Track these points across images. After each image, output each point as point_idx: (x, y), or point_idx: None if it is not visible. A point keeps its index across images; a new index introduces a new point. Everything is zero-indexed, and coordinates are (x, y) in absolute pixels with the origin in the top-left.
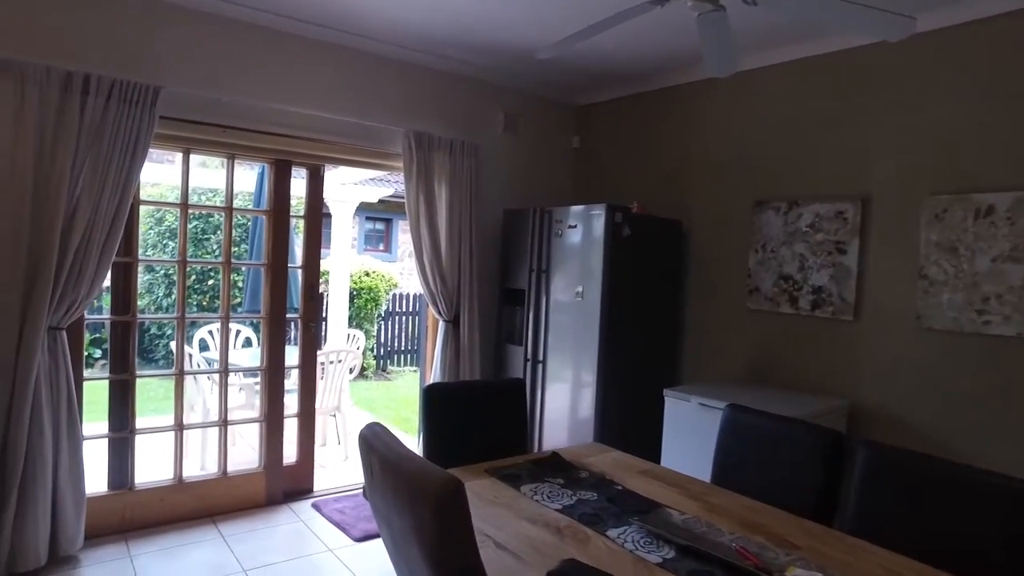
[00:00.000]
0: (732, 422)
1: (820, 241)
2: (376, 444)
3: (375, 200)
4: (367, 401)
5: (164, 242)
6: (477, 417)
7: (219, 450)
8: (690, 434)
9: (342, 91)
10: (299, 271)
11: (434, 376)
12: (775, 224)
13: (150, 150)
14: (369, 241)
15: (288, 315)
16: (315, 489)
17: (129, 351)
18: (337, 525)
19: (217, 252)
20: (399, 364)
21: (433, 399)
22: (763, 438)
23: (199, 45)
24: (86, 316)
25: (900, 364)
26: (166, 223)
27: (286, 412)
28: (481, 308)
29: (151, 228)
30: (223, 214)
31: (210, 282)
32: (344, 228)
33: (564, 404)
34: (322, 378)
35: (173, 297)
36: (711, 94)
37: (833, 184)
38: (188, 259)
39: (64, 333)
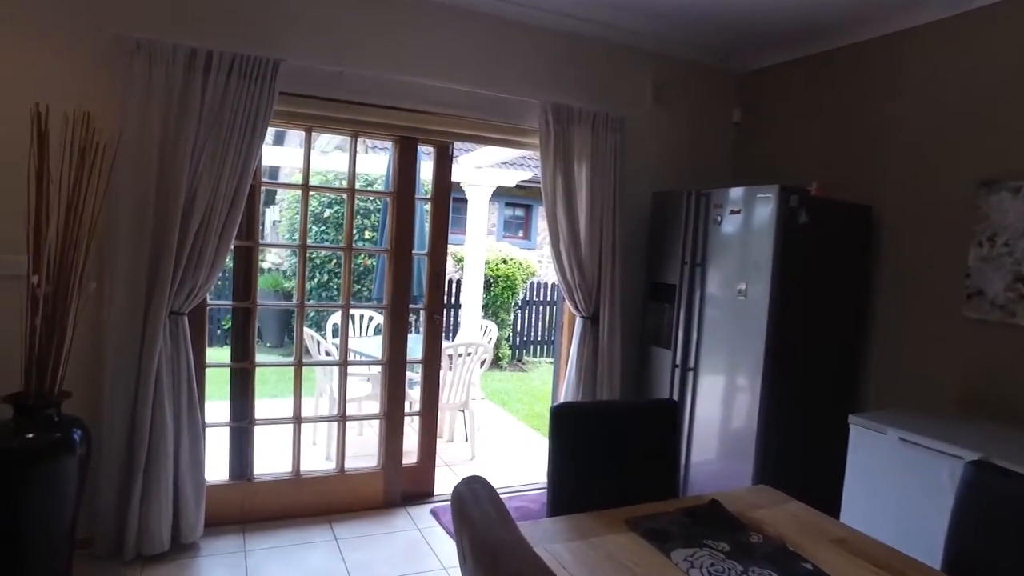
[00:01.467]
0: (982, 489)
1: None
2: (471, 513)
3: (512, 184)
4: (499, 393)
5: (308, 227)
6: (617, 447)
7: (337, 446)
8: (885, 478)
9: (472, 60)
10: (424, 258)
11: (568, 379)
12: (1012, 210)
13: (291, 132)
14: (508, 228)
15: (412, 305)
16: (435, 493)
17: (249, 338)
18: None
19: (357, 238)
20: (535, 355)
21: (563, 423)
22: None
23: (319, 14)
24: (209, 301)
25: None
26: (310, 208)
27: (408, 409)
28: (623, 304)
29: (295, 213)
30: (375, 200)
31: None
32: (480, 213)
33: (717, 421)
34: (451, 369)
35: (317, 280)
36: (913, 47)
37: None
38: (308, 244)
39: (185, 319)
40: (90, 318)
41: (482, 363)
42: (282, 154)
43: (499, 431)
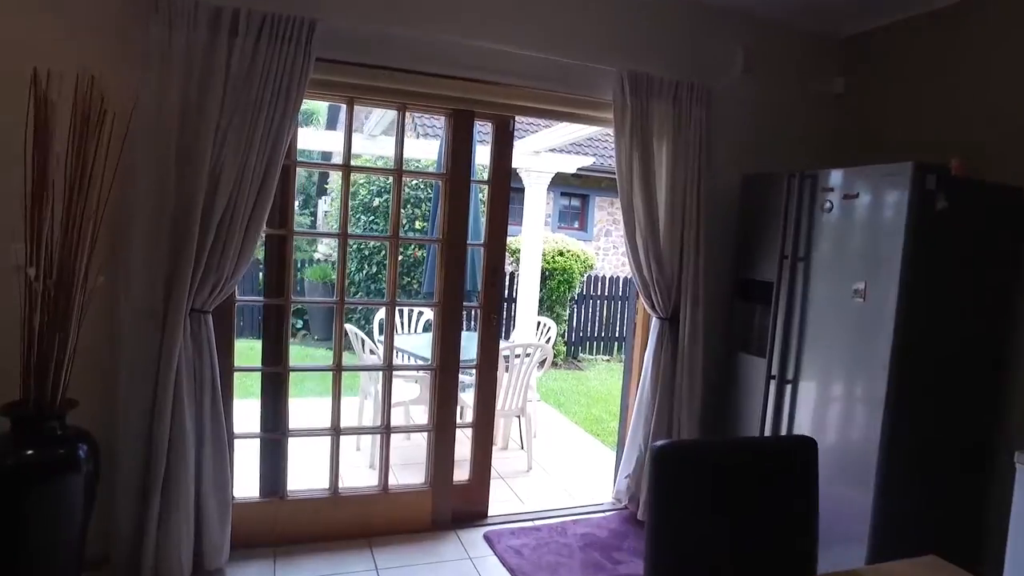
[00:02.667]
0: None
1: None
2: None
3: (572, 170)
4: (555, 394)
5: (357, 216)
6: (738, 500)
7: (380, 461)
8: None
9: (537, 19)
10: (481, 250)
11: (642, 390)
12: None
13: (343, 115)
14: (564, 218)
15: (466, 303)
16: (489, 514)
17: (282, 339)
18: (512, 572)
19: (407, 227)
20: (591, 352)
21: (668, 466)
22: None
23: None
24: (238, 297)
25: None
26: (360, 197)
27: (459, 417)
28: (707, 304)
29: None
30: (426, 188)
31: (400, 258)
32: (537, 202)
33: (821, 446)
34: (506, 370)
35: (365, 272)
36: None
37: None
38: (349, 233)
39: (210, 317)
40: (100, 317)
41: (541, 364)
42: (333, 139)
43: (556, 437)
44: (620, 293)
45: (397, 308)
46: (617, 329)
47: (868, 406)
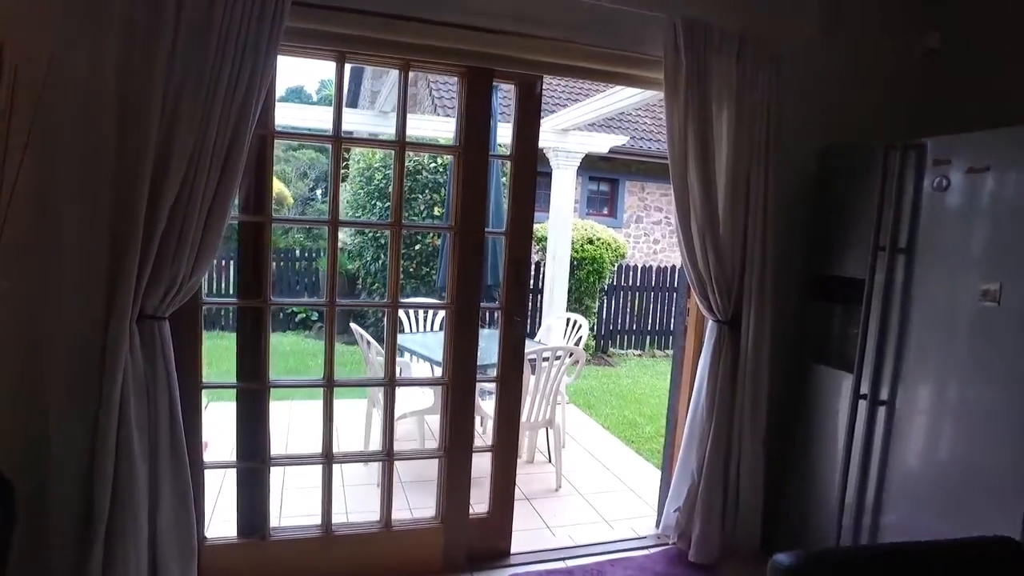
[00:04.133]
0: None
1: None
2: None
3: (604, 150)
4: (583, 393)
5: (372, 203)
6: None
7: (382, 493)
8: None
9: None
10: (501, 239)
11: (696, 408)
12: None
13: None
14: (592, 204)
15: (484, 304)
16: (512, 551)
17: (261, 349)
18: None
19: (426, 215)
20: (622, 346)
21: None
22: None
23: None
24: (204, 299)
25: None
26: (375, 182)
27: (478, 433)
28: (775, 305)
29: (361, 188)
30: (445, 172)
31: (417, 247)
32: (566, 186)
33: (932, 485)
34: (532, 374)
35: (382, 261)
36: None
37: None
38: (343, 220)
39: (165, 324)
40: (14, 329)
41: (575, 362)
42: (355, 119)
43: (586, 445)
44: (653, 284)
45: (403, 310)
46: (650, 322)
47: (1005, 437)
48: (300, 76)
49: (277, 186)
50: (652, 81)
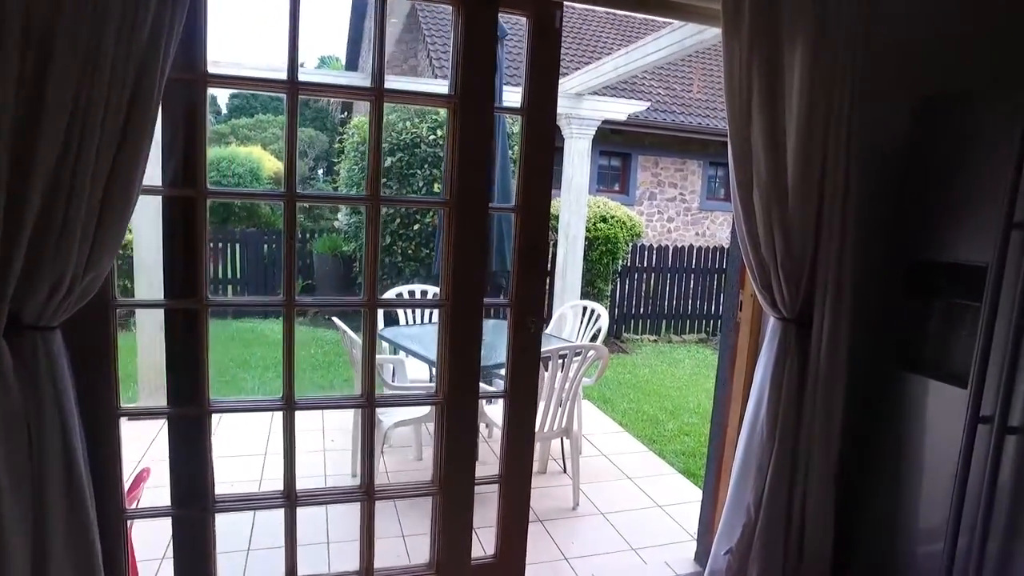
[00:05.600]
0: None
1: None
2: None
3: (623, 116)
4: (598, 385)
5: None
6: None
7: (363, 534)
8: None
9: None
10: (512, 217)
11: (754, 426)
12: None
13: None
14: (602, 180)
15: (488, 300)
16: None
17: (199, 363)
18: None
19: (425, 191)
20: (637, 332)
21: None
22: None
23: None
24: (118, 299)
25: None
26: None
27: (483, 451)
28: (856, 298)
29: (356, 164)
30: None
31: (416, 226)
32: (580, 159)
33: None
34: (545, 370)
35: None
36: None
37: None
38: (299, 193)
39: (56, 336)
40: None
41: (595, 363)
42: (348, 81)
43: (604, 450)
44: (670, 265)
45: (403, 290)
46: (667, 306)
47: None
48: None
49: (274, 164)
50: (704, 12)
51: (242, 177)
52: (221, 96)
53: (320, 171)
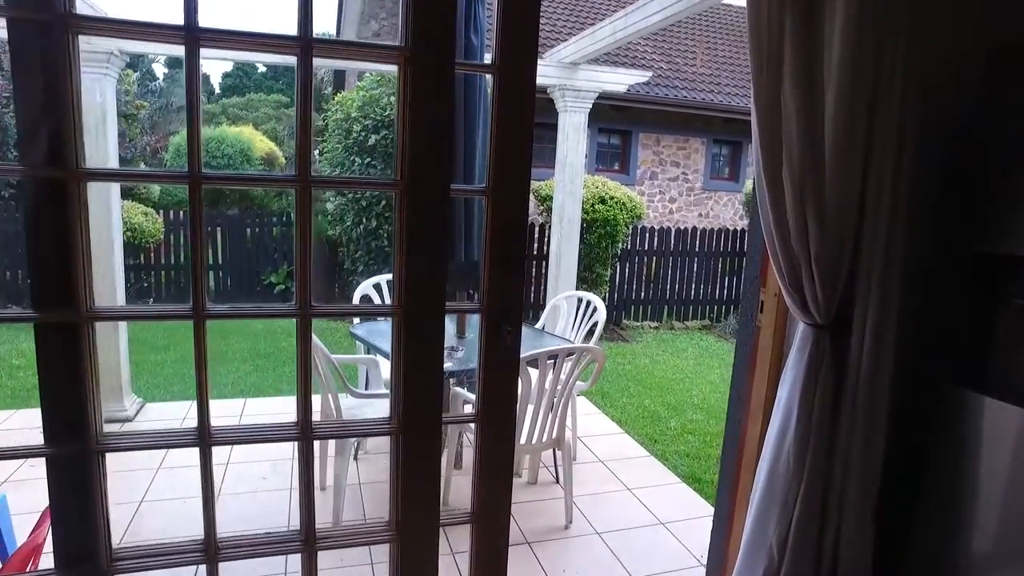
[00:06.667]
0: None
1: None
2: None
3: (623, 88)
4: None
5: (351, 159)
6: None
7: None
8: None
9: None
10: (482, 200)
11: (778, 455)
12: None
13: None
14: (601, 159)
15: (451, 305)
16: None
17: (84, 391)
18: None
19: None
20: (637, 318)
21: None
22: None
23: None
24: None
25: None
26: (354, 135)
27: (461, 488)
28: (905, 301)
29: (339, 142)
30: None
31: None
32: (576, 135)
33: None
34: (534, 372)
35: (364, 226)
36: None
37: None
38: (207, 174)
39: None
40: None
41: (588, 363)
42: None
43: (599, 454)
44: (672, 248)
45: (383, 280)
46: (668, 291)
47: None
48: None
49: (267, 145)
50: None
51: (231, 158)
52: (214, 76)
53: (315, 151)
